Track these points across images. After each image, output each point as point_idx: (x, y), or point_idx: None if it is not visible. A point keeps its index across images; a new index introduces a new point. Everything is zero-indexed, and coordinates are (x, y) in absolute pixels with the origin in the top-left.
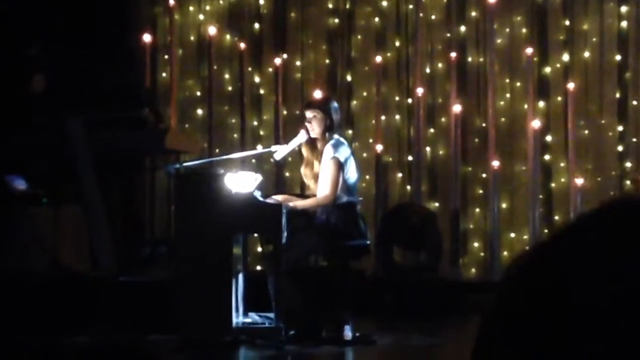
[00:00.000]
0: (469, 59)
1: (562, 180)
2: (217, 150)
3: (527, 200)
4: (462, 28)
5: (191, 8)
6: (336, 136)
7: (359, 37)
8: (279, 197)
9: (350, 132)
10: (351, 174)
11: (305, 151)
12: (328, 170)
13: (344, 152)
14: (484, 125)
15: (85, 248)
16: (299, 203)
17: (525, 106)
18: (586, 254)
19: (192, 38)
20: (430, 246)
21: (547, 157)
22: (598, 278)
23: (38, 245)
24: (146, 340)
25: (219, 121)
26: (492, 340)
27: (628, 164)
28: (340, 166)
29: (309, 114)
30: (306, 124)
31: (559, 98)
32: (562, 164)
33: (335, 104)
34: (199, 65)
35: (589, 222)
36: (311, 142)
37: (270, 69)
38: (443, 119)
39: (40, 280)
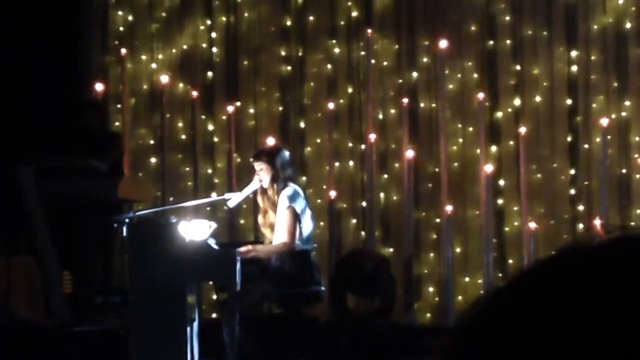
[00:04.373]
0: (421, 105)
1: (515, 224)
2: (170, 199)
3: (480, 245)
4: (414, 74)
5: (143, 57)
6: (294, 186)
7: (311, 84)
8: (242, 249)
9: (303, 178)
10: (306, 224)
11: (260, 201)
12: (284, 218)
13: (300, 203)
14: (436, 170)
15: (38, 298)
16: (260, 248)
17: (478, 151)
18: (541, 302)
19: (144, 87)
20: (384, 292)
21: (499, 201)
22: (553, 326)
23: None
24: None
25: (172, 169)
26: None
27: (580, 208)
28: (296, 215)
29: (255, 166)
30: (256, 175)
31: (511, 142)
32: (515, 208)
33: (283, 154)
34: (151, 114)
35: (544, 268)
36: (265, 192)
37: (223, 117)
38: (396, 165)
39: None
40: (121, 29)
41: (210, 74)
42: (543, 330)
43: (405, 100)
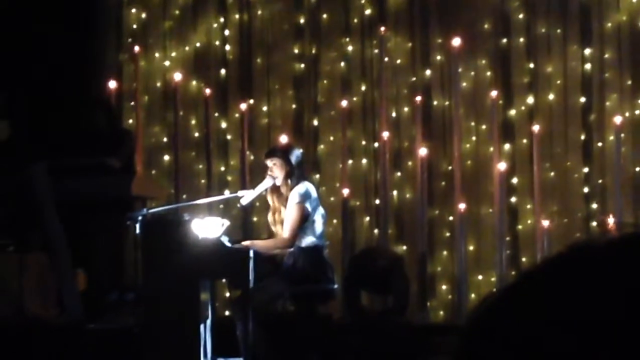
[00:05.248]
0: (434, 103)
1: (529, 222)
2: (183, 196)
3: (493, 243)
4: (427, 72)
5: (157, 54)
6: (307, 184)
7: (325, 82)
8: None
9: (317, 176)
10: (318, 223)
11: (271, 199)
12: (291, 214)
13: (312, 202)
14: (449, 168)
15: (52, 295)
16: (257, 243)
17: (491, 149)
18: (550, 298)
19: (157, 84)
20: (398, 290)
21: (513, 199)
22: (563, 322)
23: (3, 293)
24: None
25: (186, 167)
26: None
27: (594, 206)
28: (304, 212)
29: (268, 162)
30: (268, 172)
31: (524, 140)
32: (528, 206)
33: (297, 151)
34: (164, 112)
35: (553, 265)
36: (277, 189)
37: (237, 115)
38: (409, 163)
39: (6, 328)
40: (135, 26)
41: (223, 71)
42: (552, 328)
43: (419, 98)
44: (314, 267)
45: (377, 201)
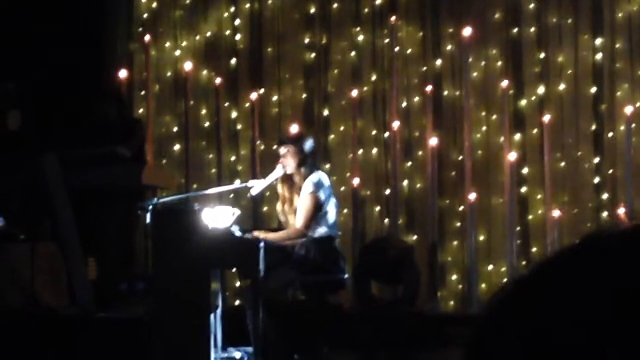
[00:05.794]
0: (445, 93)
1: (539, 212)
2: (194, 186)
3: (504, 233)
4: (438, 62)
5: (167, 44)
6: (320, 173)
7: (335, 71)
8: (254, 233)
9: (327, 166)
10: (331, 213)
11: (281, 188)
12: (304, 203)
13: (325, 192)
14: (460, 158)
15: (62, 284)
16: (270, 235)
17: (501, 139)
18: (561, 291)
19: (168, 74)
20: (408, 279)
21: (523, 189)
22: (572, 316)
23: (14, 282)
24: None
25: (196, 157)
26: None
27: (604, 196)
28: (317, 202)
29: (282, 149)
30: (281, 160)
31: (535, 130)
32: (538, 196)
33: (309, 140)
34: (175, 101)
35: (566, 258)
36: (288, 179)
37: (247, 104)
38: (420, 153)
39: (16, 317)
40: (145, 15)
41: (234, 61)
42: (562, 321)
43: (430, 88)
44: (325, 257)
45: (388, 191)
